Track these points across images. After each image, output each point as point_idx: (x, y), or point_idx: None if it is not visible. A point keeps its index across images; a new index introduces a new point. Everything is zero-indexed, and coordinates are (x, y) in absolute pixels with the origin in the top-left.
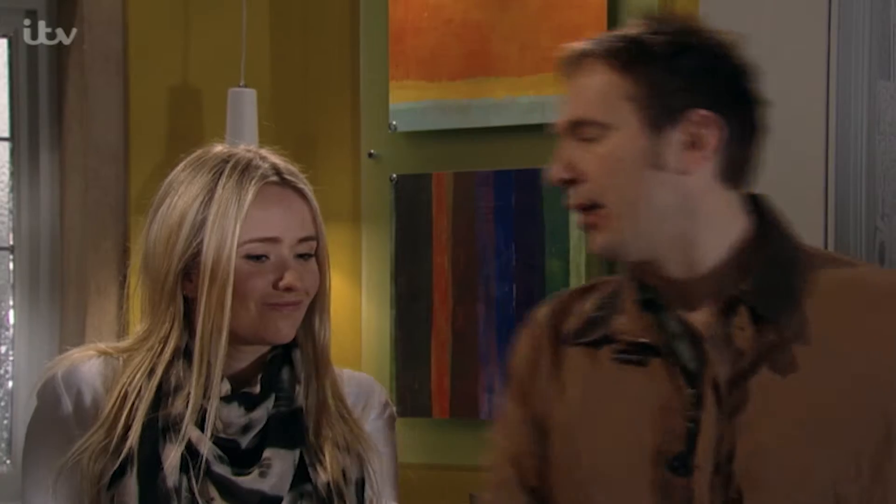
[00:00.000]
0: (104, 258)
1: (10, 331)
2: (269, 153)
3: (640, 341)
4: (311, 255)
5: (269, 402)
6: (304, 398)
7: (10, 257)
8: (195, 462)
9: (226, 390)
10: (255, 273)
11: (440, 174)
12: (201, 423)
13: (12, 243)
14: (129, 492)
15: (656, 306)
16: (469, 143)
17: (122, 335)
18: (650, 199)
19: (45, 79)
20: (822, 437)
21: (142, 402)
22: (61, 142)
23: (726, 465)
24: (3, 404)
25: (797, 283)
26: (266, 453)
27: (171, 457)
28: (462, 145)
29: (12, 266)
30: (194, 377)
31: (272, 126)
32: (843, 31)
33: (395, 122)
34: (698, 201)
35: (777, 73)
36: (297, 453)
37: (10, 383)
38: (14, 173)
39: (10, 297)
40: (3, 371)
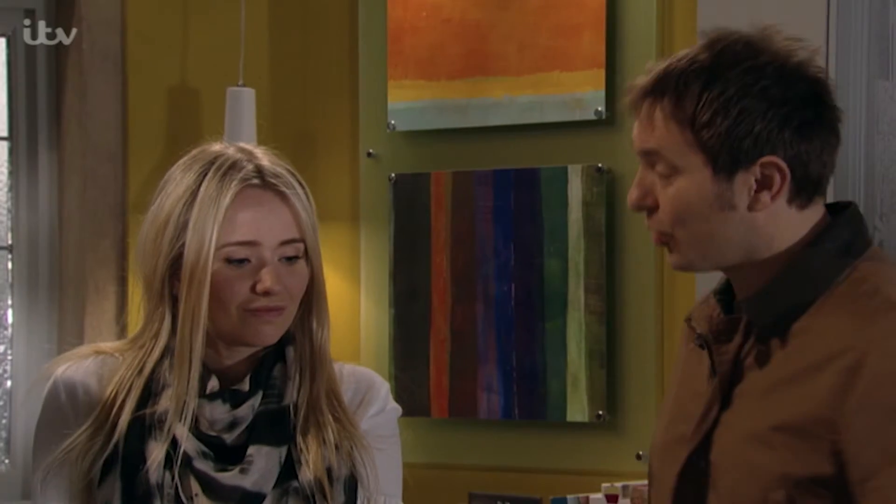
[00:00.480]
0: (102, 257)
1: (9, 330)
2: (262, 153)
3: (698, 330)
4: (297, 258)
5: (255, 400)
6: (295, 396)
7: (9, 257)
8: (179, 459)
9: (212, 387)
10: (233, 278)
11: (439, 173)
12: (187, 421)
13: (11, 243)
14: (113, 489)
15: (729, 295)
16: (468, 142)
17: (122, 334)
18: (719, 235)
19: (43, 78)
20: (775, 445)
21: (129, 401)
22: (60, 141)
23: (706, 457)
24: (1, 404)
25: (806, 295)
26: (249, 450)
27: (155, 454)
28: (461, 145)
29: (11, 265)
30: (175, 375)
31: (271, 125)
32: (841, 31)
33: (393, 122)
34: (769, 227)
35: None
36: (284, 451)
37: (9, 382)
38: (13, 173)
39: (9, 297)
40: (1, 370)
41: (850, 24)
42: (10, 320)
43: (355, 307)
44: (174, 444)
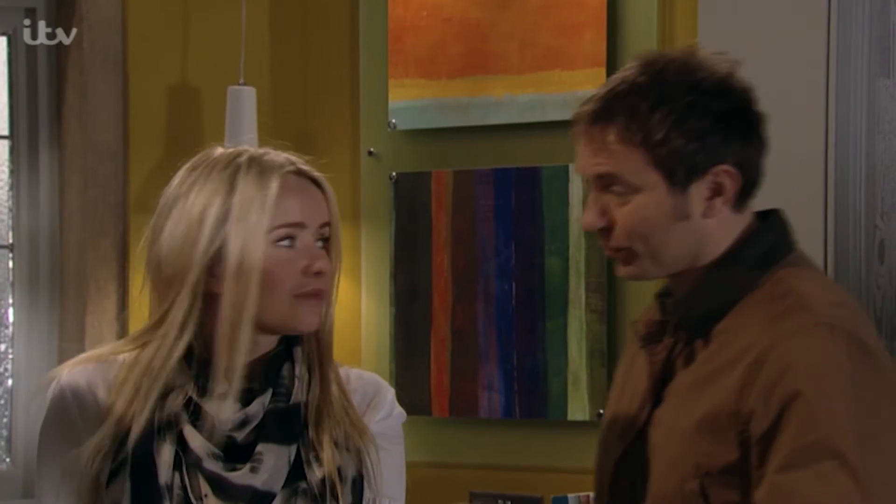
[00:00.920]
0: (103, 256)
1: (10, 329)
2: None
3: (644, 331)
4: (328, 240)
5: (265, 398)
6: (305, 393)
7: (10, 256)
8: (189, 459)
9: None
10: (285, 260)
11: (440, 172)
12: (197, 421)
13: (11, 241)
14: (122, 490)
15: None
16: (468, 141)
17: (122, 333)
18: (675, 244)
19: (44, 77)
20: (693, 439)
21: (142, 403)
22: (61, 140)
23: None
24: (2, 402)
25: (728, 297)
26: (259, 448)
27: (165, 454)
28: (461, 143)
29: (11, 264)
30: (219, 371)
31: (271, 124)
32: (842, 30)
33: (394, 121)
34: (718, 232)
35: (777, 72)
36: (294, 449)
37: (10, 381)
38: (13, 172)
39: (10, 296)
40: (2, 369)
41: (850, 24)
42: (10, 319)
43: (356, 306)
44: (183, 444)
